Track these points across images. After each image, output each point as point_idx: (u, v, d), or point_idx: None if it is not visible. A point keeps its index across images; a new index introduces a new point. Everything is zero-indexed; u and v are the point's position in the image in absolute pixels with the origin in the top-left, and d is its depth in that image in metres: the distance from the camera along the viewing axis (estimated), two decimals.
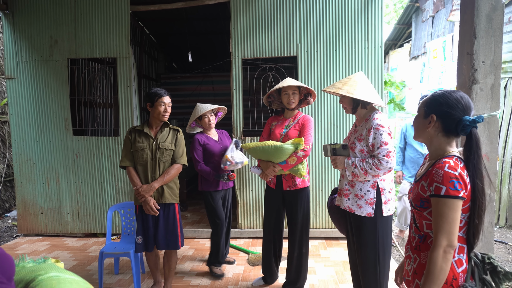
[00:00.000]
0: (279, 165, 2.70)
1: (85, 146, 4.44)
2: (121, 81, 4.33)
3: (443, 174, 1.25)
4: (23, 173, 4.55)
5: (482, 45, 1.97)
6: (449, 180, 1.24)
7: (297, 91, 2.81)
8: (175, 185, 2.86)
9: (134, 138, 2.75)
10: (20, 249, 4.16)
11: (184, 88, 7.88)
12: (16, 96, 4.46)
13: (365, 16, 4.00)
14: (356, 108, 2.20)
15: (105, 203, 4.48)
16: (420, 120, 1.41)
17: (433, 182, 1.27)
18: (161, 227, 2.75)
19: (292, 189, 2.82)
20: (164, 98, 2.73)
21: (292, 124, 2.84)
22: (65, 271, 1.26)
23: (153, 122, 2.79)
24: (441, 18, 7.40)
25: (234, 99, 4.21)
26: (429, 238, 1.36)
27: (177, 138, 2.84)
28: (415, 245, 1.43)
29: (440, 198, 1.24)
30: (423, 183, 1.35)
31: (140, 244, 2.76)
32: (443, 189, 1.24)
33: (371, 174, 2.03)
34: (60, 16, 4.33)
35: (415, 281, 1.39)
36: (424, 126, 1.39)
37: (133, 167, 2.75)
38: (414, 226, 1.45)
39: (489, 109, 2.01)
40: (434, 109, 1.35)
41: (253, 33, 4.15)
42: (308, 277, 3.28)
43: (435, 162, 1.34)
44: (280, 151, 2.62)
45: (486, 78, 1.99)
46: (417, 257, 1.39)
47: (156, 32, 7.11)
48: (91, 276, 3.40)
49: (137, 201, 2.75)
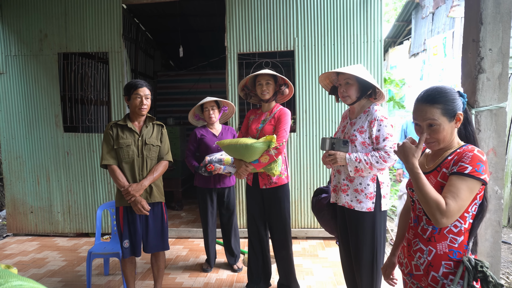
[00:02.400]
0: (252, 164, 2.55)
1: (76, 143, 4.31)
2: (113, 76, 4.20)
3: (472, 155, 1.27)
4: (12, 171, 4.41)
5: (489, 32, 1.85)
6: (476, 162, 1.25)
7: (271, 81, 2.64)
8: (161, 183, 2.72)
9: (117, 134, 2.54)
10: (9, 249, 4.03)
11: (181, 86, 7.75)
12: (5, 92, 4.32)
13: (364, 9, 3.88)
14: (361, 98, 2.06)
15: (96, 202, 4.35)
16: (447, 127, 1.33)
17: (458, 161, 1.28)
18: (151, 228, 2.60)
19: (268, 187, 2.67)
20: (139, 90, 2.50)
21: (268, 119, 2.68)
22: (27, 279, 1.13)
23: (134, 116, 2.60)
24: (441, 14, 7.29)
25: (230, 94, 4.09)
26: (445, 229, 1.35)
27: (162, 134, 2.68)
28: (427, 237, 1.39)
29: (462, 176, 1.25)
30: (444, 170, 1.33)
31: (127, 249, 2.56)
32: (468, 168, 1.24)
33: (376, 168, 1.94)
34: (50, 9, 4.19)
35: (431, 274, 1.35)
36: (452, 128, 1.35)
37: (117, 165, 2.55)
38: (426, 218, 1.40)
39: (496, 100, 1.89)
40: (457, 107, 1.34)
41: (249, 27, 4.03)
42: (305, 278, 3.16)
43: (453, 152, 1.35)
44: (251, 150, 2.47)
45: (493, 67, 1.87)
46: (432, 249, 1.36)
47: (152, 29, 6.98)
48: (80, 277, 3.27)
49: (120, 202, 2.56)
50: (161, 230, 2.64)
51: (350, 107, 2.16)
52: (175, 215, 5.08)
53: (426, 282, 1.36)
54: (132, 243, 2.57)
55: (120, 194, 2.56)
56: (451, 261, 1.32)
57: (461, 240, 1.33)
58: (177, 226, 4.50)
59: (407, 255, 1.46)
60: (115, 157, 2.55)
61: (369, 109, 2.03)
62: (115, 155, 2.55)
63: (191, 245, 4.05)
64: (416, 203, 1.45)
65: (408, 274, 1.46)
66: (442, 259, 1.33)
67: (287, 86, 2.70)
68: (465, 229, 1.33)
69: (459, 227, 1.33)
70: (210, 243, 3.37)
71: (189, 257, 3.70)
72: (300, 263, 3.48)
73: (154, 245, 2.62)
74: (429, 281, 1.35)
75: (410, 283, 1.47)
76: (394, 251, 1.67)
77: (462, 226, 1.33)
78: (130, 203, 2.50)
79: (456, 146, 1.38)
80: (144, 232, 2.60)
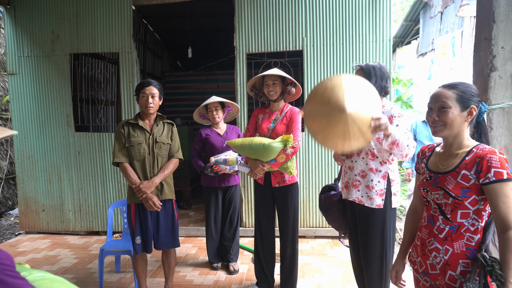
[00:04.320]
0: (268, 164, 2.57)
1: (87, 142, 4.37)
2: (123, 76, 4.25)
3: (499, 159, 1.28)
4: (24, 170, 4.49)
5: (502, 30, 1.85)
6: (505, 164, 1.28)
7: (278, 81, 2.65)
8: (171, 181, 2.76)
9: (128, 132, 2.58)
10: (22, 247, 4.10)
11: (189, 86, 7.81)
12: (18, 92, 4.40)
13: (373, 8, 3.88)
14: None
15: (107, 201, 4.41)
16: (456, 114, 1.36)
17: (490, 168, 1.28)
18: (162, 225, 2.64)
19: (281, 185, 2.70)
20: (146, 88, 2.53)
21: (279, 118, 2.69)
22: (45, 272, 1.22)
23: (144, 115, 2.64)
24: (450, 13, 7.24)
25: (238, 94, 4.12)
26: (462, 228, 1.35)
27: (172, 132, 2.73)
28: (444, 237, 1.39)
29: (504, 182, 1.27)
30: (465, 172, 1.34)
31: (139, 245, 2.61)
32: (504, 173, 1.26)
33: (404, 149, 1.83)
34: (62, 10, 4.26)
35: (448, 273, 1.35)
36: (462, 119, 1.37)
37: (128, 163, 2.59)
38: (442, 218, 1.40)
39: (508, 98, 1.89)
40: (472, 100, 1.36)
41: (258, 27, 4.05)
42: (314, 276, 3.17)
43: (469, 151, 1.36)
44: (269, 149, 2.48)
45: (505, 65, 1.87)
46: (449, 248, 1.36)
47: (160, 29, 7.04)
48: (91, 274, 3.32)
49: (131, 199, 2.60)
50: (172, 227, 2.68)
51: None
52: (184, 214, 5.13)
53: (443, 281, 1.36)
54: (143, 240, 2.61)
55: (131, 192, 2.60)
56: (468, 259, 1.32)
57: (478, 238, 1.33)
58: (186, 225, 4.54)
59: (421, 254, 1.46)
60: (127, 155, 2.59)
61: (384, 107, 2.04)
62: (127, 153, 2.59)
63: (200, 244, 4.08)
64: (431, 203, 1.44)
65: (423, 273, 1.45)
66: (459, 258, 1.34)
67: (294, 85, 2.72)
68: (481, 227, 1.34)
69: (476, 225, 1.34)
70: (210, 242, 3.40)
71: (198, 255, 3.73)
72: (309, 261, 3.49)
73: (165, 242, 2.66)
74: (447, 280, 1.35)
75: (424, 281, 1.46)
76: (403, 253, 1.64)
77: (479, 224, 1.34)
78: (142, 200, 2.54)
79: (470, 145, 1.38)
80: (155, 229, 2.64)
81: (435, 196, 1.41)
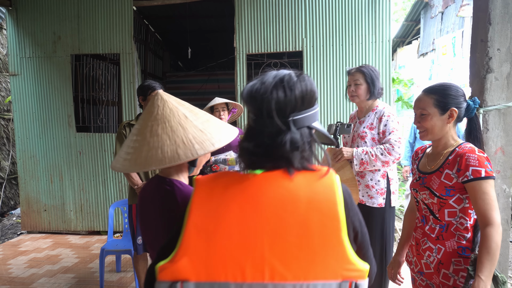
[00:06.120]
0: None
1: (88, 143, 4.40)
2: (124, 77, 4.28)
3: (477, 157, 1.31)
4: (26, 170, 4.53)
5: (498, 32, 1.86)
6: (484, 162, 1.30)
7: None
8: None
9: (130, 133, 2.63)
10: (23, 246, 4.13)
11: (190, 86, 7.83)
12: (20, 93, 4.44)
13: (373, 9, 3.90)
14: (371, 97, 2.15)
15: (108, 201, 4.44)
16: (436, 118, 1.40)
17: (468, 167, 1.31)
18: None
19: None
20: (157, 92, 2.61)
21: None
22: None
23: None
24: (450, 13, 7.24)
25: (239, 95, 4.14)
26: (451, 226, 1.38)
27: None
28: (436, 236, 1.42)
29: (483, 180, 1.30)
30: (448, 171, 1.37)
31: (141, 245, 2.63)
32: (482, 171, 1.29)
33: (381, 160, 2.00)
34: (63, 12, 4.29)
35: (442, 272, 1.38)
36: (443, 123, 1.40)
37: None
38: (433, 218, 1.43)
39: (504, 100, 1.90)
40: (451, 102, 1.39)
41: (258, 28, 4.07)
42: None
43: (452, 151, 1.39)
44: None
45: (501, 67, 1.88)
46: (442, 247, 1.39)
47: (161, 30, 7.07)
48: (92, 274, 3.35)
49: (133, 200, 2.63)
50: None
51: (358, 107, 2.24)
52: None
53: (438, 280, 1.39)
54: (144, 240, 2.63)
55: (133, 192, 2.62)
56: (460, 257, 1.34)
57: (469, 236, 1.36)
58: None
59: (416, 254, 1.49)
60: None
61: (377, 108, 2.12)
62: None
63: None
64: (421, 203, 1.47)
65: (419, 272, 1.48)
66: (452, 256, 1.36)
67: None
68: (470, 225, 1.36)
69: (465, 224, 1.36)
70: None
71: None
72: None
73: None
74: (441, 279, 1.38)
75: (420, 280, 1.49)
76: (400, 250, 1.68)
77: (467, 223, 1.36)
78: None
79: (454, 144, 1.41)
80: None
81: (423, 196, 1.44)
